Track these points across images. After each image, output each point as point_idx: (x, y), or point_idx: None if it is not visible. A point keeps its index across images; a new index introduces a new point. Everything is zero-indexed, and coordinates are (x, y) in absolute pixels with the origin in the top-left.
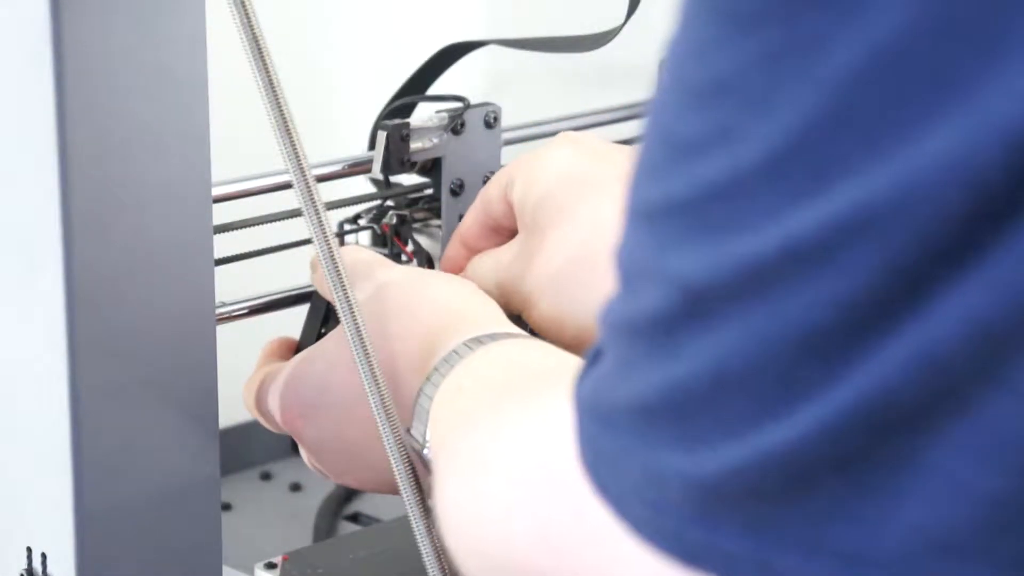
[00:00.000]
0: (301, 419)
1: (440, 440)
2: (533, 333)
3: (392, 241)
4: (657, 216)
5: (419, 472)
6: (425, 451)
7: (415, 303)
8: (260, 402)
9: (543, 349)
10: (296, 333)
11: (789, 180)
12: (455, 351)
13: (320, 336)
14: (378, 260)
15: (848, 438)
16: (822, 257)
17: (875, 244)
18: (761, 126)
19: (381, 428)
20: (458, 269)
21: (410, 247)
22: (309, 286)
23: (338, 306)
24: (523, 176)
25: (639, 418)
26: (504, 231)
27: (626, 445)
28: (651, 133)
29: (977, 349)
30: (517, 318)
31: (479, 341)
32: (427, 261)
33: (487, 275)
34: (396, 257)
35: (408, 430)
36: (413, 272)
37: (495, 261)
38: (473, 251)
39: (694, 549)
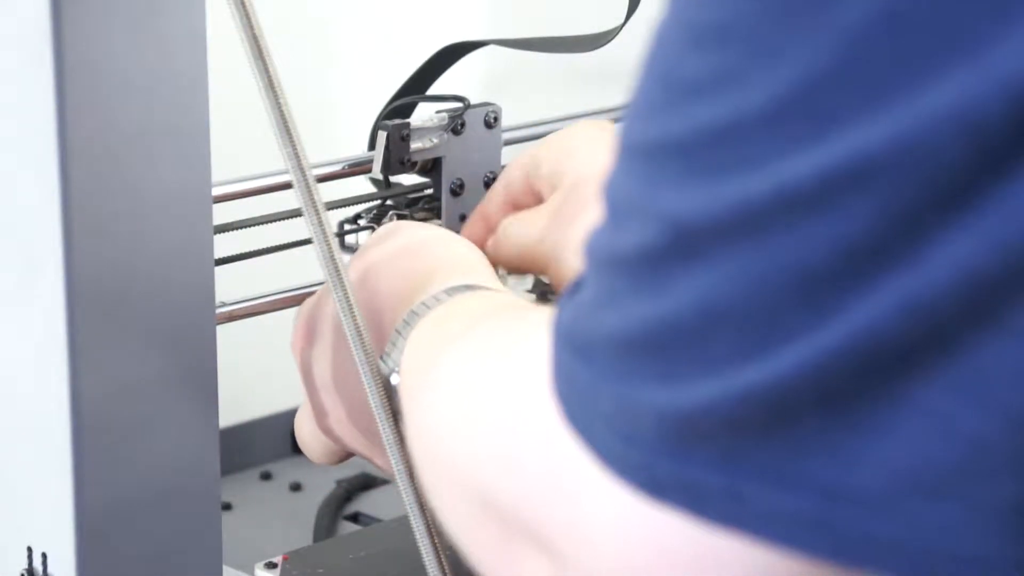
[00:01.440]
0: (302, 340)
1: (415, 361)
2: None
3: None
4: (652, 154)
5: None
6: (394, 375)
7: (415, 248)
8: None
9: (520, 302)
10: None
11: (790, 127)
12: (445, 291)
13: None
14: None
15: (832, 377)
16: (817, 203)
17: (870, 193)
18: (766, 72)
19: (381, 428)
20: (480, 246)
21: None
22: (309, 286)
23: (338, 306)
24: (551, 155)
25: (617, 350)
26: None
27: (600, 376)
28: (650, 71)
29: (968, 296)
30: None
31: (469, 287)
32: None
33: (518, 238)
34: None
35: (382, 356)
36: (417, 225)
37: (527, 225)
38: (494, 229)
39: (662, 481)
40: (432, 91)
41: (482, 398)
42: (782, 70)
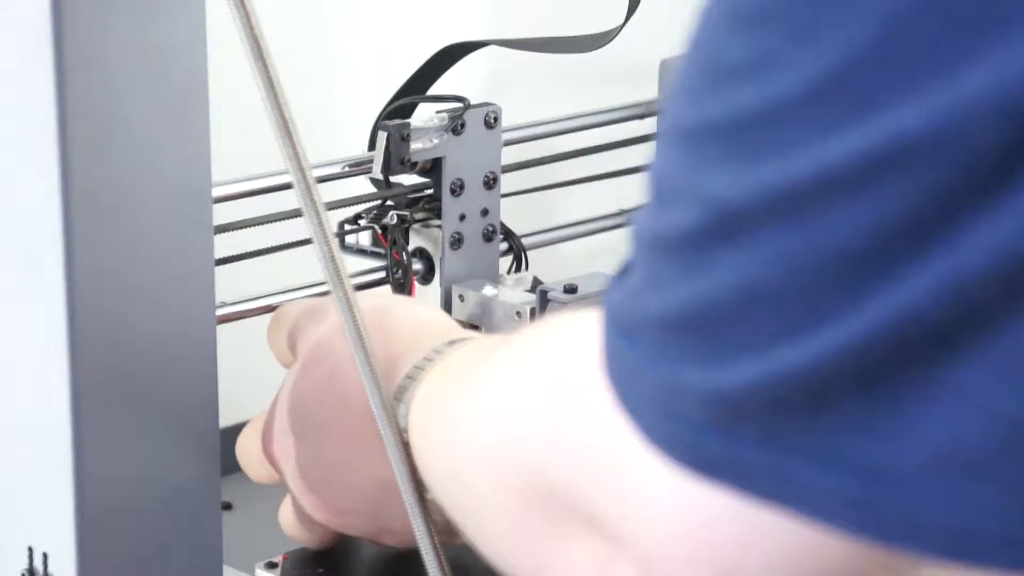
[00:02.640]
0: (281, 443)
1: (433, 388)
2: None
3: (392, 242)
4: (694, 137)
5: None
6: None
7: (380, 327)
8: (266, 444)
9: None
10: None
11: (828, 109)
12: (444, 345)
13: None
14: (315, 302)
15: (872, 357)
16: (855, 185)
17: (909, 175)
18: (804, 54)
19: (381, 428)
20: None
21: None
22: (308, 286)
23: (338, 306)
24: None
25: (661, 331)
26: None
27: (646, 357)
28: (692, 57)
29: (1007, 277)
30: None
31: (464, 341)
32: (426, 261)
33: None
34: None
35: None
36: (373, 303)
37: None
38: None
39: (710, 459)
40: (432, 91)
41: (528, 385)
42: (821, 52)
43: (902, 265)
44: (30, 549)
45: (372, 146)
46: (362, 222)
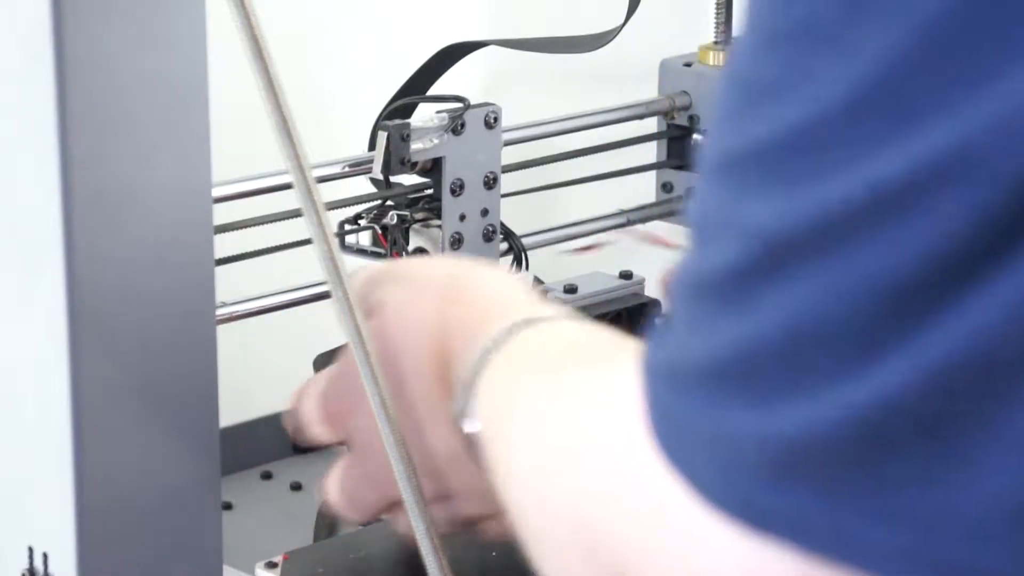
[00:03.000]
0: (338, 417)
1: (493, 409)
2: None
3: (391, 243)
4: (734, 165)
5: (463, 445)
6: (468, 422)
7: (470, 285)
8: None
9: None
10: (295, 332)
11: (873, 121)
12: (507, 329)
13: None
14: (393, 262)
15: (932, 399)
16: (909, 202)
17: (965, 188)
18: (842, 66)
19: (382, 429)
20: None
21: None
22: (308, 286)
23: (338, 306)
24: None
25: (708, 377)
26: None
27: (696, 406)
28: (728, 83)
29: None
30: None
31: (529, 322)
32: None
33: None
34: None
35: (454, 406)
36: (436, 262)
37: None
38: None
39: (765, 513)
40: (432, 91)
41: (577, 438)
42: (859, 61)
43: (961, 293)
44: (30, 549)
45: (372, 146)
46: (362, 222)
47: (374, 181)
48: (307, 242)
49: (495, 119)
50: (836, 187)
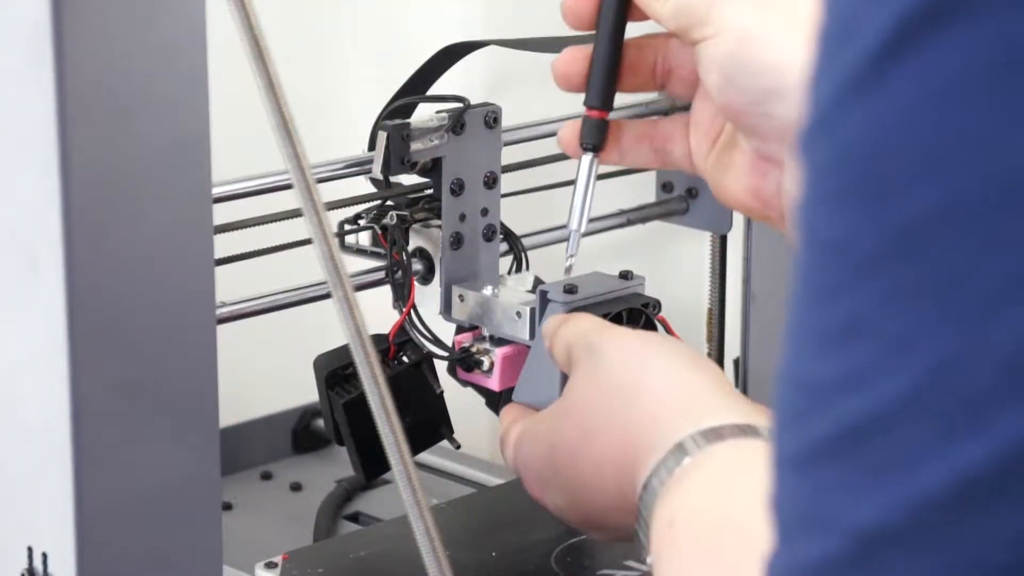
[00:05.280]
0: (539, 491)
1: (667, 561)
2: None
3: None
4: (809, 463)
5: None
6: (649, 560)
7: (630, 391)
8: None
9: (756, 471)
10: (294, 333)
11: (943, 413)
12: (670, 455)
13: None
14: (596, 329)
15: None
16: (996, 490)
17: None
18: (901, 361)
19: (382, 430)
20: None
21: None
22: (308, 286)
23: (337, 306)
24: None
25: None
26: None
27: None
28: (786, 385)
29: None
30: None
31: (696, 443)
32: (426, 261)
33: None
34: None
35: (636, 530)
36: (631, 348)
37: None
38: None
39: None
40: (432, 91)
41: None
42: (918, 355)
43: None
44: (30, 549)
45: (372, 146)
46: (362, 222)
47: (374, 181)
48: (307, 242)
49: (495, 119)
50: (919, 480)
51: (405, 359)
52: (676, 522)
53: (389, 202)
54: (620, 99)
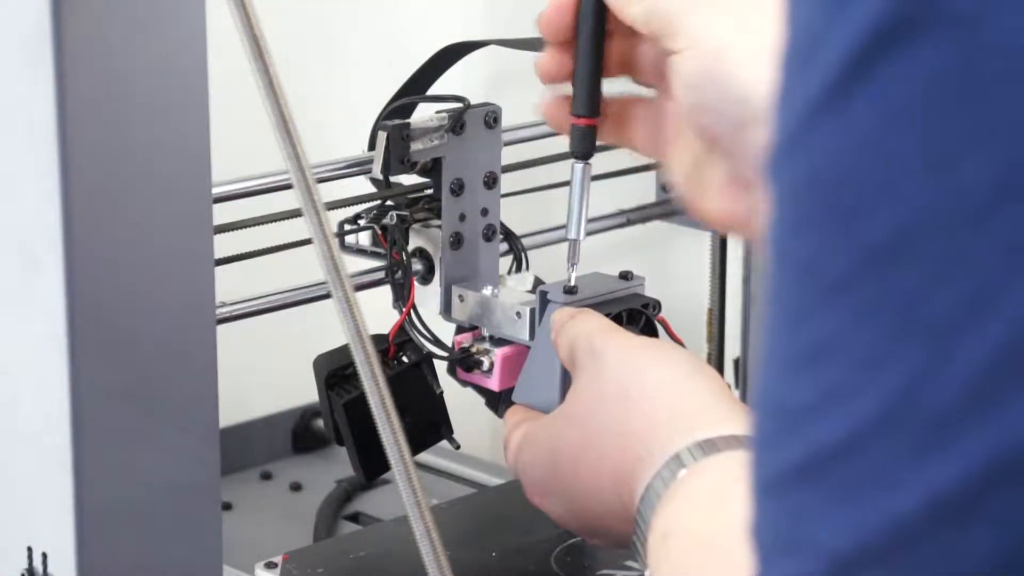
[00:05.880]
0: (539, 497)
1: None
2: None
3: (391, 244)
4: (785, 486)
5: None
6: (648, 574)
7: (630, 399)
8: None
9: None
10: (295, 333)
11: (913, 432)
12: (666, 467)
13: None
14: (601, 331)
15: None
16: (969, 507)
17: (1022, 488)
18: (870, 382)
19: (382, 430)
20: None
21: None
22: (308, 286)
23: (337, 306)
24: None
25: None
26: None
27: None
28: (761, 408)
29: None
30: None
31: (692, 454)
32: (426, 261)
33: None
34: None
35: (634, 541)
36: (633, 354)
37: None
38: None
39: None
40: (432, 91)
41: None
42: (887, 375)
43: None
44: (30, 549)
45: (372, 146)
46: (362, 222)
47: (374, 181)
48: (307, 242)
49: (495, 119)
50: (893, 499)
51: (405, 359)
52: (670, 537)
53: (389, 202)
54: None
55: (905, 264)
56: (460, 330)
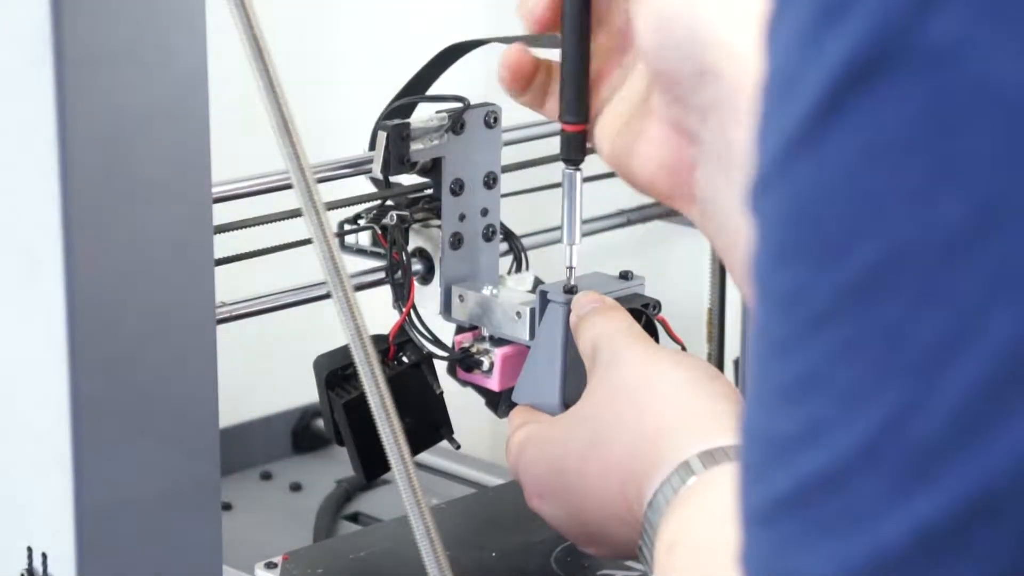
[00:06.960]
0: (538, 498)
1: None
2: None
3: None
4: (771, 518)
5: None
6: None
7: (643, 402)
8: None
9: None
10: (294, 333)
11: (898, 464)
12: (676, 473)
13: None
14: (624, 333)
15: None
16: (953, 541)
17: (1007, 520)
18: (854, 414)
19: (382, 430)
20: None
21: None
22: (308, 286)
23: (337, 306)
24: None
25: None
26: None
27: None
28: (748, 440)
29: None
30: None
31: (703, 463)
32: (426, 261)
33: None
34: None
35: (640, 547)
36: (650, 359)
37: None
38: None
39: None
40: (432, 91)
41: None
42: (869, 408)
43: None
44: (29, 549)
45: (372, 146)
46: (362, 222)
47: (374, 181)
48: (307, 242)
49: (495, 119)
50: (878, 532)
51: (405, 359)
52: (677, 546)
53: (389, 202)
54: None
55: (886, 298)
56: (460, 330)
